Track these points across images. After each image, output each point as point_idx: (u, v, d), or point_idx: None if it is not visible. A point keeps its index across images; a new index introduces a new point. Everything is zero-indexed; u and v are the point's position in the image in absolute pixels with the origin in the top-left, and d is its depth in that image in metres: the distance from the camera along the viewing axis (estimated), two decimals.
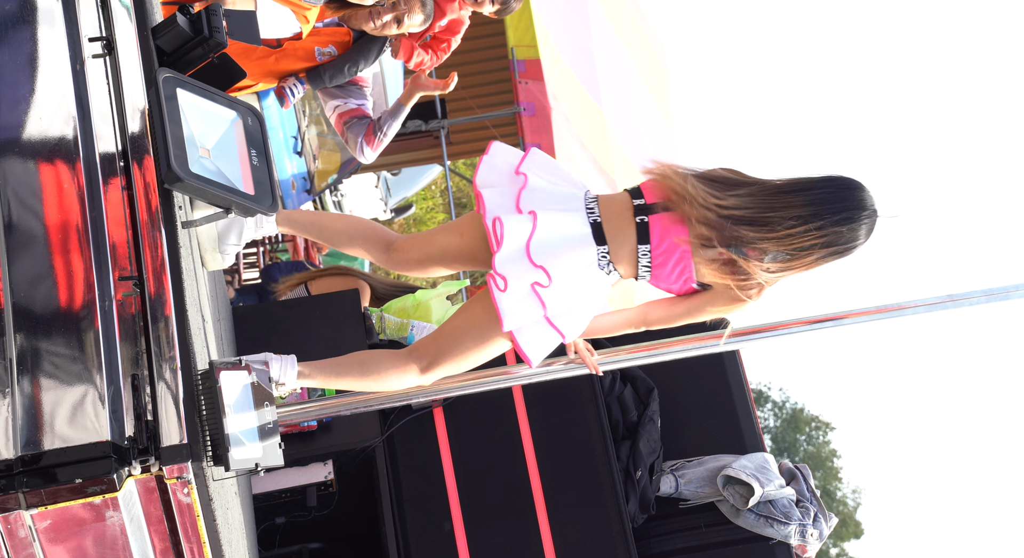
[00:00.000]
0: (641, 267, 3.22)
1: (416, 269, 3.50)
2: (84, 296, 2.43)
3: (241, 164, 3.02)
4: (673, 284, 3.25)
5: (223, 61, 3.18)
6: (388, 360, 3.34)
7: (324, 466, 4.72)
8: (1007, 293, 3.88)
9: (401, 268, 3.52)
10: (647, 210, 3.22)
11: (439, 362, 3.32)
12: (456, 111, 10.84)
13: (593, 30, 10.24)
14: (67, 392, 2.35)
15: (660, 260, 3.20)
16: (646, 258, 3.20)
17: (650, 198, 3.23)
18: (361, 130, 4.62)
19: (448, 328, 3.34)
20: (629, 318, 3.44)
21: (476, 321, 3.27)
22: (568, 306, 3.21)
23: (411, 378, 3.34)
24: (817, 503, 4.70)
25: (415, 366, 3.32)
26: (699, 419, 5.02)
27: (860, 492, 33.75)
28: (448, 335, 3.32)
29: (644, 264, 3.21)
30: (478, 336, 3.28)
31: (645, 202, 3.23)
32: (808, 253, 3.13)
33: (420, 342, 3.38)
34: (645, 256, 3.20)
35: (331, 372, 3.32)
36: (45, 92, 2.58)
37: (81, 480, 2.30)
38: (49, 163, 2.53)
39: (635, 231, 3.20)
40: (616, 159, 9.81)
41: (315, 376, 3.28)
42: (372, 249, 3.51)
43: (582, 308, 3.27)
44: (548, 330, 3.22)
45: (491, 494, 4.67)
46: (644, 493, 4.68)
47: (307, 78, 4.63)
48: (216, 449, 2.61)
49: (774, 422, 34.68)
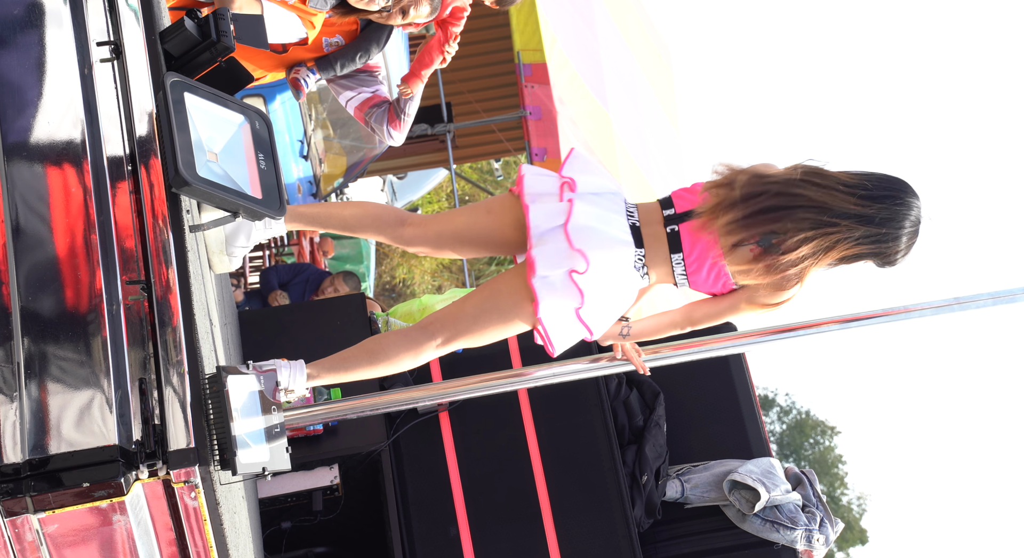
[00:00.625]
0: (677, 275, 3.26)
1: (430, 245, 3.45)
2: (91, 300, 2.43)
3: (249, 168, 3.02)
4: (712, 287, 3.28)
5: (231, 65, 3.18)
6: (399, 343, 3.28)
7: (330, 470, 4.72)
8: (1014, 295, 3.87)
9: (415, 244, 3.46)
10: (677, 220, 3.24)
11: (457, 338, 3.28)
12: (462, 115, 10.86)
13: (599, 34, 10.25)
14: (74, 396, 2.35)
15: (694, 267, 3.23)
16: (680, 266, 3.24)
17: (680, 207, 3.26)
18: (384, 116, 4.61)
19: (469, 306, 3.29)
20: (674, 320, 3.44)
21: (500, 301, 3.25)
22: (601, 303, 3.21)
23: (427, 355, 3.29)
24: (823, 508, 4.70)
25: (431, 342, 3.27)
26: (705, 424, 5.02)
27: (865, 498, 33.70)
28: (469, 313, 3.27)
29: (680, 272, 3.25)
30: (501, 316, 3.25)
31: (675, 212, 3.26)
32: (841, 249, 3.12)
33: (435, 317, 3.32)
34: (679, 264, 3.24)
35: (340, 367, 3.26)
36: (53, 96, 2.58)
37: (88, 484, 2.30)
38: (57, 167, 2.53)
39: (667, 240, 3.23)
40: (622, 163, 9.82)
41: (324, 375, 3.23)
42: (384, 227, 3.46)
43: (613, 307, 3.26)
44: (576, 324, 3.21)
45: (497, 498, 4.67)
46: (650, 498, 4.68)
47: (317, 67, 4.62)
48: (223, 453, 2.61)
49: (779, 427, 34.63)
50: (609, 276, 3.17)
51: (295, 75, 4.66)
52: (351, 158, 8.81)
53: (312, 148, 7.93)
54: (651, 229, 3.24)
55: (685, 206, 3.24)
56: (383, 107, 4.60)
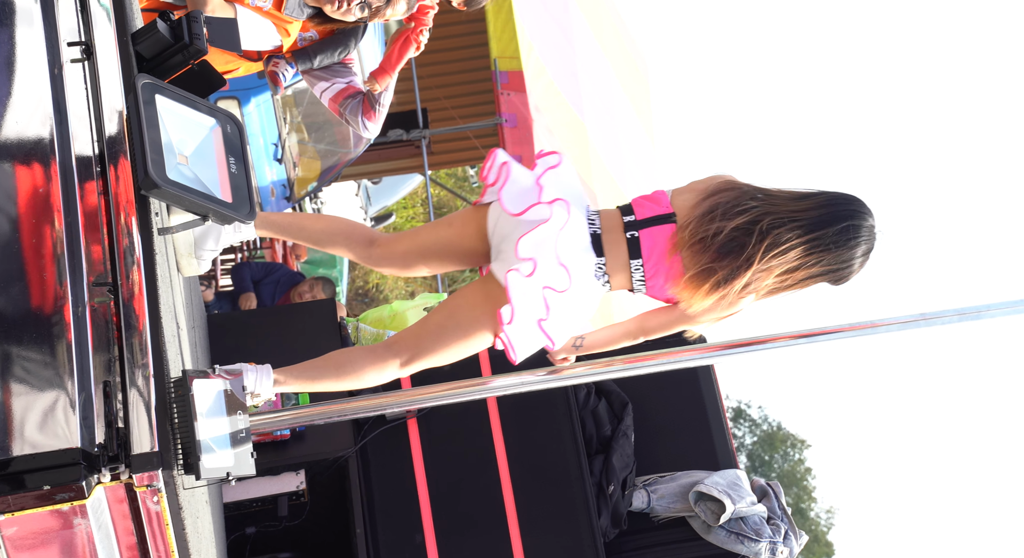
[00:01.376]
0: (635, 282, 3.27)
1: (398, 265, 3.46)
2: (57, 301, 2.41)
3: (219, 171, 3.01)
4: (668, 294, 3.28)
5: (203, 68, 3.17)
6: (365, 358, 3.31)
7: (296, 476, 4.71)
8: (979, 313, 3.90)
9: (384, 264, 3.48)
10: (637, 226, 3.26)
11: (420, 356, 3.31)
12: (438, 121, 10.85)
13: (576, 43, 10.27)
14: (37, 398, 2.33)
15: (652, 273, 3.24)
16: (639, 272, 3.25)
17: (640, 214, 3.27)
18: (358, 107, 4.61)
19: (431, 324, 3.32)
20: (628, 329, 3.45)
21: (460, 317, 3.28)
22: (563, 314, 3.22)
23: (390, 372, 3.32)
24: (788, 521, 4.71)
25: (395, 360, 3.30)
26: (673, 435, 5.03)
27: (834, 513, 33.81)
28: (431, 332, 3.30)
29: (638, 278, 3.26)
30: (462, 332, 3.28)
31: (635, 218, 3.26)
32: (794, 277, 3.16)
33: (401, 336, 3.36)
34: (638, 271, 3.25)
35: (307, 376, 3.28)
36: (22, 95, 2.56)
37: (50, 487, 2.28)
38: (25, 166, 2.51)
39: (627, 246, 3.23)
40: (597, 172, 9.83)
41: (291, 382, 3.25)
42: (354, 246, 3.48)
43: (574, 317, 3.28)
44: (538, 334, 3.22)
45: (463, 506, 4.66)
46: (616, 508, 4.69)
47: (295, 59, 4.61)
48: (187, 457, 2.60)
49: (751, 439, 34.72)
50: (573, 289, 3.18)
51: (273, 68, 4.63)
52: (325, 162, 8.78)
53: (286, 151, 7.91)
54: (611, 236, 3.25)
55: (645, 213, 3.26)
56: (357, 98, 4.59)
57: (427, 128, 10.50)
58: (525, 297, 3.14)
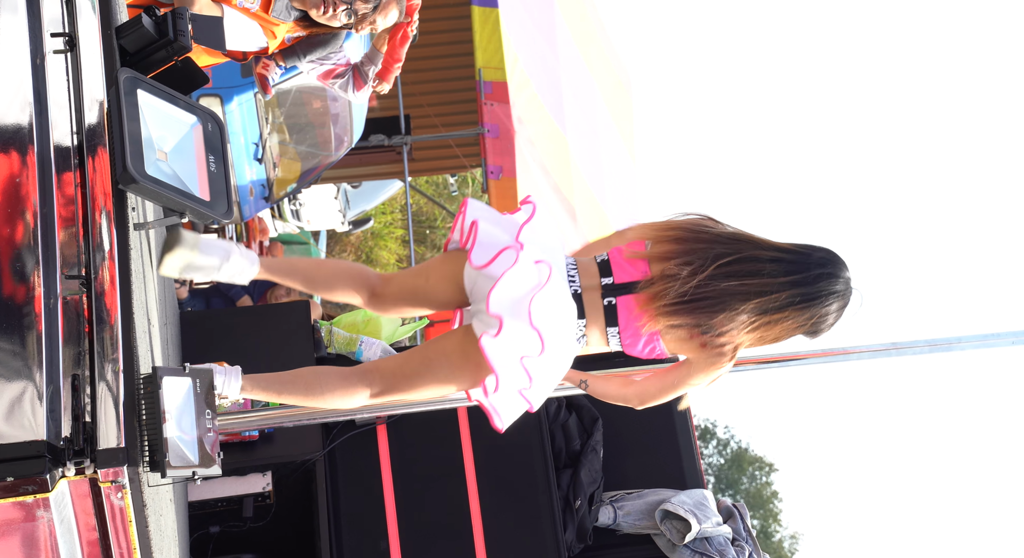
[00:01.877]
0: (612, 344, 3.26)
1: (399, 305, 3.43)
2: (28, 292, 2.39)
3: (198, 169, 3.00)
4: (647, 356, 3.29)
5: (186, 65, 3.16)
6: (335, 381, 3.26)
7: (263, 477, 4.69)
8: (950, 345, 3.94)
9: (387, 308, 3.44)
10: (614, 291, 3.21)
11: (391, 393, 3.28)
12: (420, 127, 10.85)
13: (561, 57, 10.29)
14: (5, 388, 2.31)
15: (630, 341, 3.23)
16: (616, 339, 3.23)
17: (618, 277, 3.22)
18: (349, 84, 4.68)
19: (411, 365, 3.28)
20: (626, 397, 3.44)
21: (438, 367, 3.25)
22: (543, 377, 3.19)
23: (358, 401, 3.29)
24: (752, 543, 4.72)
25: (365, 391, 3.27)
26: (641, 452, 5.03)
27: (799, 538, 33.85)
28: (409, 373, 3.26)
29: (615, 344, 3.25)
30: (438, 382, 3.26)
31: (613, 282, 3.22)
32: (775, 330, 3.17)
33: (375, 367, 3.32)
34: (615, 337, 3.23)
35: (274, 388, 3.24)
36: (2, 84, 2.55)
37: (13, 479, 2.26)
38: (2, 154, 2.49)
39: (603, 313, 3.21)
40: (577, 187, 9.85)
41: (257, 391, 3.21)
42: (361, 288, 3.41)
43: (552, 382, 3.26)
44: (520, 401, 3.22)
45: (429, 514, 4.65)
46: (582, 522, 4.68)
47: (283, 58, 4.62)
48: (153, 455, 2.58)
49: (718, 460, 34.76)
50: (555, 355, 3.16)
51: (262, 70, 4.64)
52: (306, 164, 8.76)
53: (267, 151, 7.89)
54: (590, 296, 3.22)
55: (623, 276, 3.21)
56: (347, 76, 4.64)
57: (409, 135, 10.50)
58: (506, 366, 3.10)
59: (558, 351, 3.16)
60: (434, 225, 18.42)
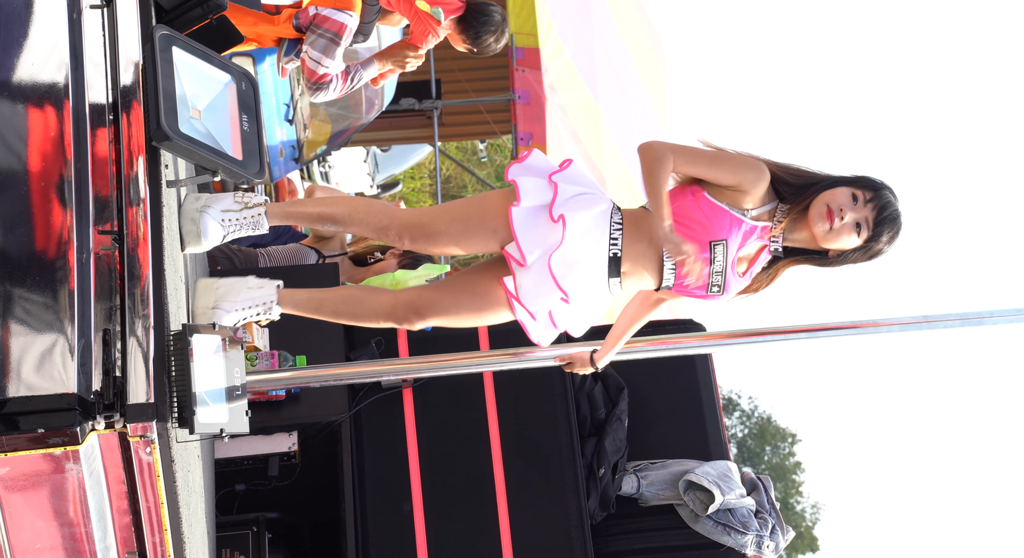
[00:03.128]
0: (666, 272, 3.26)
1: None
2: (62, 246, 2.41)
3: (231, 128, 3.00)
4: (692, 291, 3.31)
5: (221, 23, 3.15)
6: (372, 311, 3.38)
7: (289, 437, 4.71)
8: (981, 319, 3.90)
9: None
10: None
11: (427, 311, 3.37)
12: (451, 93, 10.81)
13: (595, 23, 10.22)
14: (37, 340, 2.33)
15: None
16: (670, 262, 3.23)
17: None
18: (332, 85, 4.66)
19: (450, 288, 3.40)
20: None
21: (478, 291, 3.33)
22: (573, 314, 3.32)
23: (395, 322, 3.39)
24: (776, 515, 4.71)
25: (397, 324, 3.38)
26: (666, 422, 5.02)
27: (820, 508, 33.87)
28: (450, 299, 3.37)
29: (669, 268, 3.25)
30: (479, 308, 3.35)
31: None
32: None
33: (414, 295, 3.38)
34: (669, 260, 3.23)
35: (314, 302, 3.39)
36: (39, 38, 2.55)
37: (44, 430, 2.28)
38: (38, 109, 2.50)
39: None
40: (608, 155, 9.81)
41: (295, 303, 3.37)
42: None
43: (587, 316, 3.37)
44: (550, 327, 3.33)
45: (453, 479, 4.66)
46: (605, 491, 4.69)
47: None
48: (182, 411, 2.60)
49: (741, 431, 34.77)
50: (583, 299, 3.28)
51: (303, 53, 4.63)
52: (336, 126, 8.75)
53: (298, 113, 7.88)
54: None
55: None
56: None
57: (439, 99, 10.46)
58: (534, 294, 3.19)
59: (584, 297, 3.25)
60: (462, 192, 18.40)
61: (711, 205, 3.17)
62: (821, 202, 3.19)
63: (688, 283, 3.23)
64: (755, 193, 3.18)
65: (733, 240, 3.18)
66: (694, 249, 3.11)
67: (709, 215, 3.17)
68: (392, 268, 4.60)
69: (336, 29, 4.41)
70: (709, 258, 3.18)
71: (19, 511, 2.39)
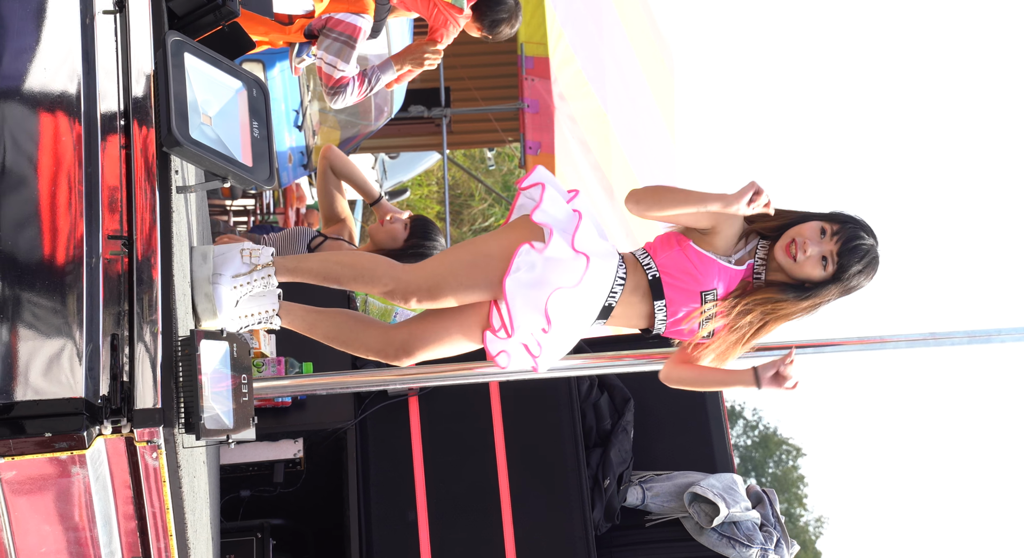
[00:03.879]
0: (658, 320, 3.29)
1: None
2: (72, 250, 2.41)
3: (242, 135, 3.00)
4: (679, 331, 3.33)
5: (233, 30, 3.16)
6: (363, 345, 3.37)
7: (294, 443, 4.71)
8: (989, 336, 3.90)
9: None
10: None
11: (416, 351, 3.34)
12: (460, 100, 10.82)
13: (605, 33, 10.24)
14: (45, 344, 2.33)
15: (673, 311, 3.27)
16: (662, 313, 3.27)
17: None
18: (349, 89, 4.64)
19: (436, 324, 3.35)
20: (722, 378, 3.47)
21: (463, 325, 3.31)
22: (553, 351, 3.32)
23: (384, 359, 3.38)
24: (780, 529, 4.71)
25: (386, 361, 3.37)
26: (672, 434, 5.02)
27: (824, 522, 33.81)
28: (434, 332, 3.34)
29: (660, 318, 3.28)
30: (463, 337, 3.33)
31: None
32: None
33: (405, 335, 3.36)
34: (661, 311, 3.27)
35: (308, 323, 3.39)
36: (52, 42, 2.56)
37: (51, 434, 2.28)
38: (49, 113, 2.51)
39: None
40: (617, 165, 9.81)
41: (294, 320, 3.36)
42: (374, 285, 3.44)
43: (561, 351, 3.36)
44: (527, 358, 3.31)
45: (458, 488, 4.67)
46: (610, 502, 4.68)
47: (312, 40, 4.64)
48: (189, 417, 2.60)
49: (745, 441, 34.71)
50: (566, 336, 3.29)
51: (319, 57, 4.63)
52: (345, 132, 8.77)
53: (307, 119, 7.90)
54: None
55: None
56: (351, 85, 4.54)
57: (448, 107, 10.47)
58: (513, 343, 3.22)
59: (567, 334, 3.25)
60: (469, 200, 18.41)
61: (698, 255, 3.21)
62: (788, 236, 3.21)
63: (683, 328, 3.27)
64: (727, 231, 3.21)
65: (721, 287, 3.22)
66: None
67: (697, 265, 3.21)
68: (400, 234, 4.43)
69: (350, 31, 4.41)
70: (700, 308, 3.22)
71: (25, 514, 2.39)
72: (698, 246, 3.21)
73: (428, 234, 4.52)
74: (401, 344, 3.34)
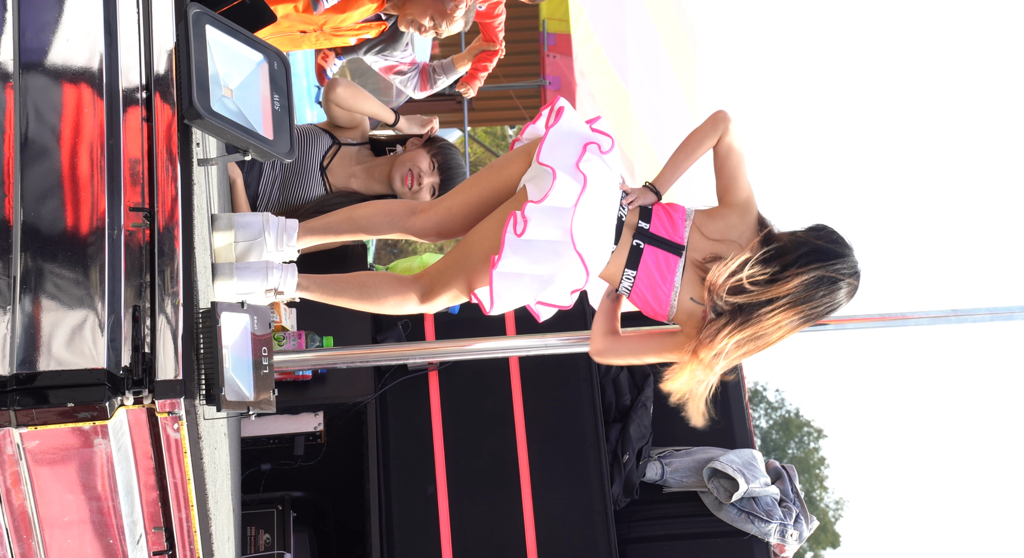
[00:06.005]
0: (623, 286, 3.32)
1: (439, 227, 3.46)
2: (94, 222, 2.42)
3: (263, 108, 3.01)
4: (645, 308, 3.35)
5: (255, 2, 3.16)
6: (389, 286, 3.37)
7: (315, 417, 4.74)
8: (1011, 313, 3.87)
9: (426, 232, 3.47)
10: (646, 237, 3.28)
11: (438, 291, 3.35)
12: None
13: (627, 11, 10.19)
14: (67, 315, 2.35)
15: (640, 287, 3.29)
16: (628, 281, 3.30)
17: (654, 227, 3.29)
18: (413, 80, 4.77)
19: (453, 254, 3.37)
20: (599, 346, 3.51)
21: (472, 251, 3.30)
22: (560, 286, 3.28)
23: (411, 307, 3.38)
24: (800, 505, 4.71)
25: (415, 295, 3.36)
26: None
27: (843, 504, 33.74)
28: (450, 264, 3.35)
29: (625, 286, 3.31)
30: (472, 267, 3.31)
31: (648, 229, 3.28)
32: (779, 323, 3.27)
33: (426, 269, 3.41)
34: (628, 279, 3.29)
35: (330, 289, 3.36)
36: (74, 14, 2.57)
37: (73, 404, 2.30)
38: (72, 85, 2.52)
39: (628, 252, 3.26)
40: (637, 142, 9.78)
41: (313, 290, 3.33)
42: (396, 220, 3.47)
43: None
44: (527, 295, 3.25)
45: (477, 462, 4.68)
46: (629, 477, 4.69)
47: (343, 53, 4.70)
48: (210, 388, 2.61)
49: (766, 423, 34.66)
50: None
51: (322, 62, 4.72)
52: None
53: None
54: (625, 232, 3.28)
55: (658, 230, 3.28)
56: (413, 76, 4.71)
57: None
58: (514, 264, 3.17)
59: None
60: None
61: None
62: None
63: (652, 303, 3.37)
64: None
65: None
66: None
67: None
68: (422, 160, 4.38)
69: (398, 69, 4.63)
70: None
71: (48, 484, 2.42)
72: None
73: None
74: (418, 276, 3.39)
